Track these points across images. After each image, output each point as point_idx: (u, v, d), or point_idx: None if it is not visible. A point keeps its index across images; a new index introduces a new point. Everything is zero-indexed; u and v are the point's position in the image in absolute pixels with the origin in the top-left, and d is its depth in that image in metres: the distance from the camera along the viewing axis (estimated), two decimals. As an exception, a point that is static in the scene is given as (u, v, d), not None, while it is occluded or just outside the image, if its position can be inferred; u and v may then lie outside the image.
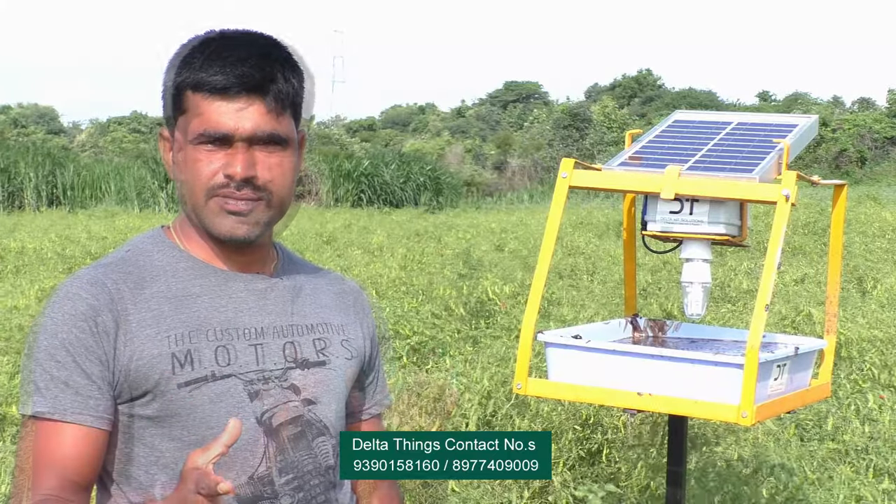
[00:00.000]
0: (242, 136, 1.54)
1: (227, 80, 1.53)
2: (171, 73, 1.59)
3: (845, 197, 2.02)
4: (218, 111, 1.53)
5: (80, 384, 1.50)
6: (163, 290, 1.57)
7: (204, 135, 1.53)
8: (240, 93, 1.53)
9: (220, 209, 1.56)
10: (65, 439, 1.49)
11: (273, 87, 1.55)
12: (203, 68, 1.54)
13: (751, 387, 1.71)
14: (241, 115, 1.54)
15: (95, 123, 65.54)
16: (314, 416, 1.62)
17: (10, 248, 13.68)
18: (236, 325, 1.59)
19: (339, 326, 1.71)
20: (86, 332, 1.51)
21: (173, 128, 1.59)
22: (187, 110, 1.55)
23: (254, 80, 1.54)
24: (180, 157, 1.57)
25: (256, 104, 1.54)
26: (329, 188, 29.12)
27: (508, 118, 64.69)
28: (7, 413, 5.55)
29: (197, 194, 1.56)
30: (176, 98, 1.57)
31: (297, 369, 1.62)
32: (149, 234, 1.66)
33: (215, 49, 1.56)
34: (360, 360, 1.73)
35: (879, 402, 5.27)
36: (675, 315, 7.31)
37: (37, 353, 1.52)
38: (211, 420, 1.54)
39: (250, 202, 1.56)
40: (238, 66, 1.54)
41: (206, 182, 1.55)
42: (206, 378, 1.54)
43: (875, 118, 45.12)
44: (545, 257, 1.75)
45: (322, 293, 1.73)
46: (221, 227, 1.56)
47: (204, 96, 1.54)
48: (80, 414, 1.50)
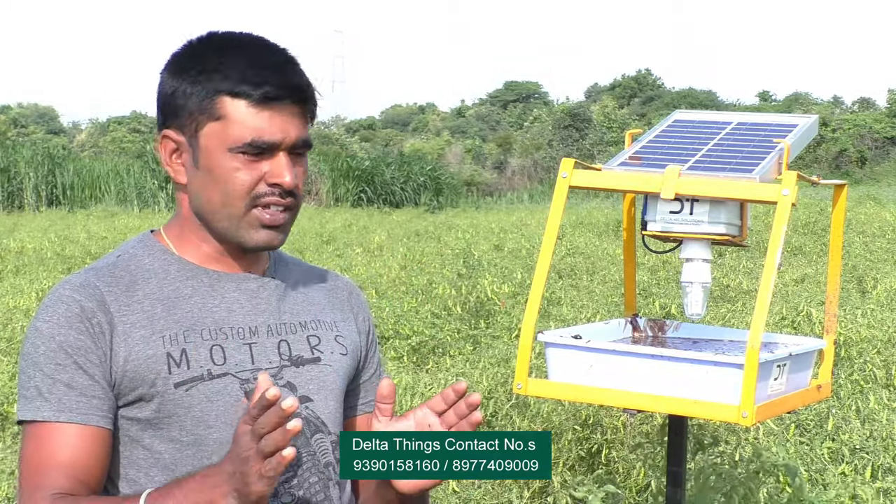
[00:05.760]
0: (288, 145, 1.55)
1: (280, 90, 1.53)
2: (187, 77, 1.56)
3: (845, 197, 2.02)
4: (268, 120, 1.53)
5: (84, 385, 1.50)
6: (154, 291, 1.57)
7: (252, 144, 1.53)
8: (287, 103, 1.54)
9: (258, 222, 1.56)
10: (72, 440, 1.48)
11: (311, 94, 1.57)
12: (246, 76, 1.53)
13: (751, 387, 1.71)
14: (288, 123, 1.54)
15: (95, 123, 65.50)
16: (311, 412, 1.62)
17: (10, 248, 13.67)
18: (229, 325, 1.59)
19: (331, 323, 1.71)
20: (83, 333, 1.50)
21: (193, 133, 1.56)
22: (223, 117, 1.53)
23: (299, 88, 1.55)
24: (210, 164, 1.55)
25: (297, 112, 1.56)
26: (329, 188, 29.11)
27: (508, 118, 64.66)
28: (8, 413, 5.54)
29: (234, 203, 1.55)
30: (205, 104, 1.54)
31: (292, 367, 1.62)
32: (138, 238, 1.65)
33: (250, 56, 1.55)
34: (355, 355, 1.73)
35: (880, 401, 5.27)
36: (675, 315, 7.31)
37: (34, 357, 1.51)
38: (208, 419, 1.54)
39: (286, 213, 1.58)
40: (285, 76, 1.55)
41: (248, 191, 1.54)
42: (203, 377, 1.54)
43: (875, 118, 45.11)
44: (545, 257, 1.75)
45: (313, 290, 1.72)
46: (256, 239, 1.57)
47: (249, 104, 1.53)
48: (85, 414, 1.49)
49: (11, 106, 73.34)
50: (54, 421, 1.48)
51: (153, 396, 1.52)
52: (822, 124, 39.27)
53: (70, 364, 1.50)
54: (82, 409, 1.49)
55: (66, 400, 1.49)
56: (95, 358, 1.51)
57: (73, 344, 1.50)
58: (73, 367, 1.50)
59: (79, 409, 1.49)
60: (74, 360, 1.50)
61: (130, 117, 62.36)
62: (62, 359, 1.50)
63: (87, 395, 1.50)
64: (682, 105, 45.68)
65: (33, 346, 1.51)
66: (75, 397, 1.49)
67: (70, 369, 1.50)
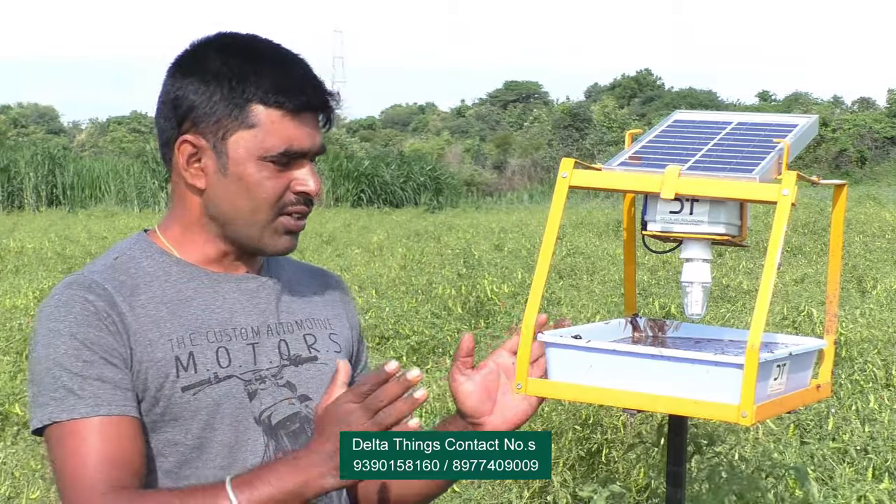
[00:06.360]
0: (313, 153, 1.58)
1: (313, 99, 1.56)
2: (215, 84, 1.54)
3: (845, 197, 2.02)
4: (300, 129, 1.55)
5: (115, 377, 1.48)
6: (157, 295, 1.55)
7: (286, 153, 1.54)
8: (314, 112, 1.57)
9: (283, 228, 1.58)
10: (114, 433, 1.46)
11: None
12: (280, 86, 1.53)
13: (751, 387, 1.70)
14: (314, 132, 1.57)
15: (95, 123, 65.53)
16: (310, 411, 1.62)
17: (10, 248, 13.68)
18: (233, 326, 1.59)
19: (325, 321, 1.71)
20: (102, 331, 1.49)
21: (219, 139, 1.54)
22: (256, 125, 1.53)
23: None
24: (239, 172, 1.54)
25: (317, 120, 1.59)
26: (329, 188, 29.13)
27: (508, 118, 64.68)
28: (8, 413, 5.54)
29: (262, 211, 1.56)
30: (235, 111, 1.53)
31: (291, 366, 1.63)
32: (132, 239, 1.63)
33: (275, 63, 1.56)
34: (348, 352, 1.74)
35: (880, 401, 5.27)
36: (675, 315, 7.31)
37: (56, 358, 1.47)
38: (213, 422, 1.54)
39: (305, 217, 1.61)
40: (312, 85, 1.57)
41: (276, 199, 1.56)
42: (209, 380, 1.53)
43: (875, 118, 45.14)
44: (545, 257, 1.75)
45: (306, 288, 1.73)
46: (279, 245, 1.59)
47: (284, 114, 1.53)
48: (122, 406, 1.48)
49: (11, 106, 73.36)
50: (93, 416, 1.45)
51: (158, 400, 1.51)
52: (822, 124, 39.27)
53: (97, 359, 1.47)
54: (118, 400, 1.47)
55: (100, 394, 1.46)
56: (118, 354, 1.49)
57: (96, 341, 1.48)
58: (101, 362, 1.47)
59: (115, 402, 1.47)
60: (100, 355, 1.48)
61: (130, 117, 62.39)
62: (87, 355, 1.47)
63: (121, 387, 1.48)
64: (682, 105, 45.68)
65: (52, 348, 1.48)
66: (110, 390, 1.47)
67: (98, 364, 1.47)
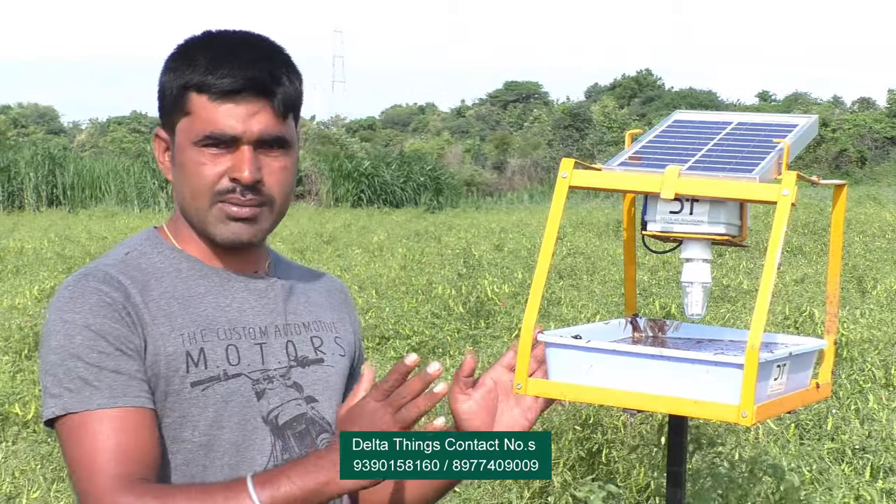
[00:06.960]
0: (250, 139, 1.53)
1: (237, 82, 1.52)
2: (171, 75, 1.57)
3: (845, 197, 2.02)
4: (226, 114, 1.52)
5: (131, 369, 1.47)
6: (169, 290, 1.55)
7: (210, 137, 1.52)
8: (248, 96, 1.53)
9: (224, 215, 1.54)
10: (130, 425, 1.45)
11: (280, 90, 1.55)
12: (209, 70, 1.52)
13: (751, 387, 1.70)
14: (249, 118, 1.53)
15: (95, 123, 65.55)
16: (316, 413, 1.62)
17: (10, 248, 13.68)
18: (242, 324, 1.59)
19: (330, 324, 1.72)
20: (118, 322, 1.48)
21: (173, 129, 1.57)
22: (191, 112, 1.54)
23: (263, 82, 1.53)
24: (181, 159, 1.55)
25: (264, 107, 1.54)
26: (329, 188, 29.14)
27: (508, 118, 64.68)
28: (9, 413, 5.54)
29: (200, 198, 1.54)
30: (178, 99, 1.55)
31: (299, 367, 1.63)
32: (143, 235, 1.64)
33: (220, 51, 1.54)
34: (351, 356, 1.74)
35: (879, 402, 5.27)
36: (675, 315, 7.31)
37: (71, 349, 1.46)
38: (221, 420, 1.53)
39: (255, 208, 1.55)
40: (246, 69, 1.53)
41: (211, 186, 1.53)
42: (218, 377, 1.53)
43: (875, 118, 45.13)
44: (545, 257, 1.75)
45: (312, 291, 1.73)
46: (225, 233, 1.55)
47: (210, 98, 1.52)
48: (138, 397, 1.47)
49: (11, 106, 73.36)
50: (110, 407, 1.44)
51: (167, 395, 1.51)
52: (822, 124, 39.26)
53: (113, 350, 1.46)
54: (134, 392, 1.46)
55: (117, 386, 1.45)
56: (133, 345, 1.48)
57: (112, 332, 1.47)
58: (117, 353, 1.46)
59: (131, 393, 1.46)
60: (116, 346, 1.47)
61: (130, 117, 62.40)
62: (103, 346, 1.46)
63: (137, 378, 1.47)
64: (682, 105, 45.69)
65: (67, 338, 1.46)
66: (126, 381, 1.46)
67: (114, 356, 1.46)
